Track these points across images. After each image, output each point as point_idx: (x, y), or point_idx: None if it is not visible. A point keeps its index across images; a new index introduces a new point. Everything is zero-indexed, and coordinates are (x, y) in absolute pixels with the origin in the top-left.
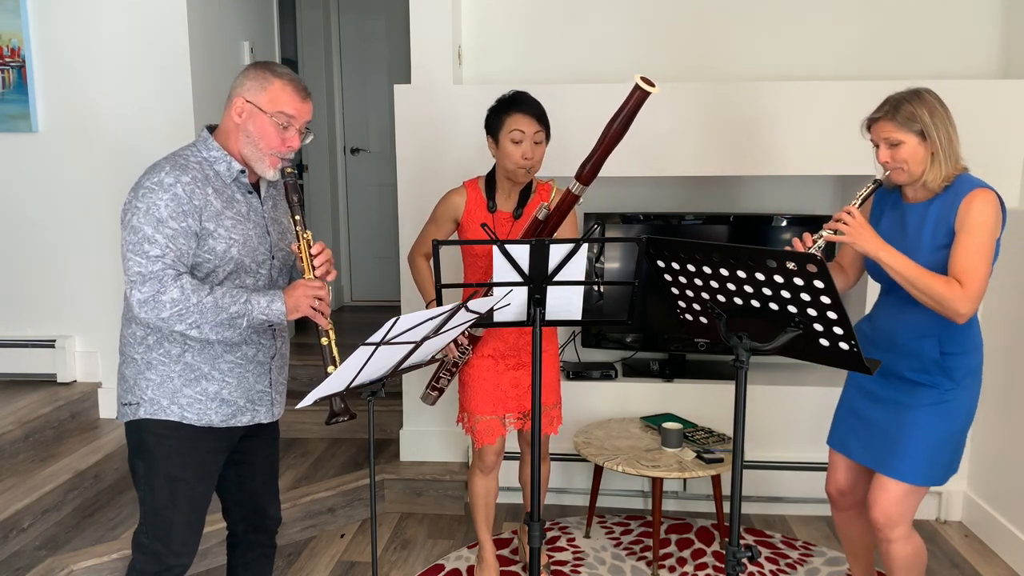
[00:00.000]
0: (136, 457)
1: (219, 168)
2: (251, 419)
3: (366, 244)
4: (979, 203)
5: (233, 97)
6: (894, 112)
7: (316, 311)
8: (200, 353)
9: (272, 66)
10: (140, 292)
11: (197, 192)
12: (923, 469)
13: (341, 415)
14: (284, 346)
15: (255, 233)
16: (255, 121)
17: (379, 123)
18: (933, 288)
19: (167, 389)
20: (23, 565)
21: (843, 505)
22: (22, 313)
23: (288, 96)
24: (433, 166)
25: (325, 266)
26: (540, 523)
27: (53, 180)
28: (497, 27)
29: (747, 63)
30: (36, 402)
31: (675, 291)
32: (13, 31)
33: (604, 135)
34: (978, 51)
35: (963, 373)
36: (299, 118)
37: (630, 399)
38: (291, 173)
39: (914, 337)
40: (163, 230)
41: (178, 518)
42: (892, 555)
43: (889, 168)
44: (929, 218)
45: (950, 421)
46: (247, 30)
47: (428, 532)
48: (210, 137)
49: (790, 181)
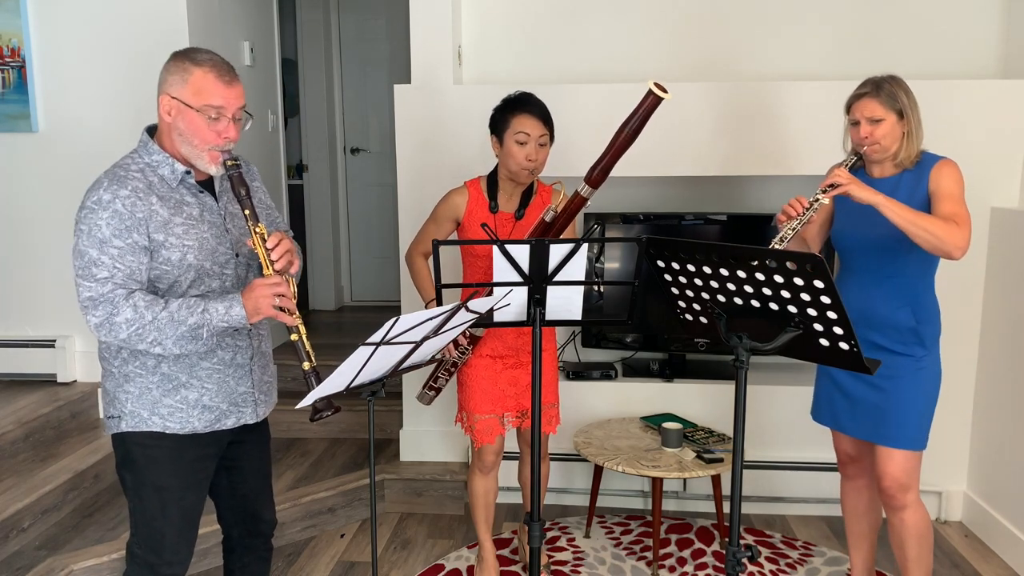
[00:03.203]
0: (123, 469)
1: (163, 172)
2: (236, 421)
3: (366, 244)
4: (948, 169)
5: (159, 95)
6: (877, 91)
7: (279, 310)
8: (176, 363)
9: (191, 53)
10: (94, 317)
11: (139, 204)
12: (914, 433)
13: (324, 411)
14: (263, 343)
15: (212, 234)
16: (184, 118)
17: (379, 123)
18: (935, 225)
19: (146, 400)
20: (23, 565)
21: (853, 473)
22: (22, 313)
23: (211, 84)
24: (433, 166)
25: (285, 258)
26: (540, 523)
27: (53, 180)
28: (497, 27)
29: (748, 63)
30: (36, 402)
31: (675, 291)
32: (13, 31)
33: (615, 139)
34: (978, 51)
35: (931, 339)
36: (228, 106)
37: (630, 399)
38: (234, 165)
39: (891, 309)
40: (108, 250)
41: (169, 528)
42: (905, 523)
43: (867, 143)
44: (901, 189)
45: (930, 384)
46: (247, 30)
47: (428, 532)
48: (151, 140)
49: (790, 181)
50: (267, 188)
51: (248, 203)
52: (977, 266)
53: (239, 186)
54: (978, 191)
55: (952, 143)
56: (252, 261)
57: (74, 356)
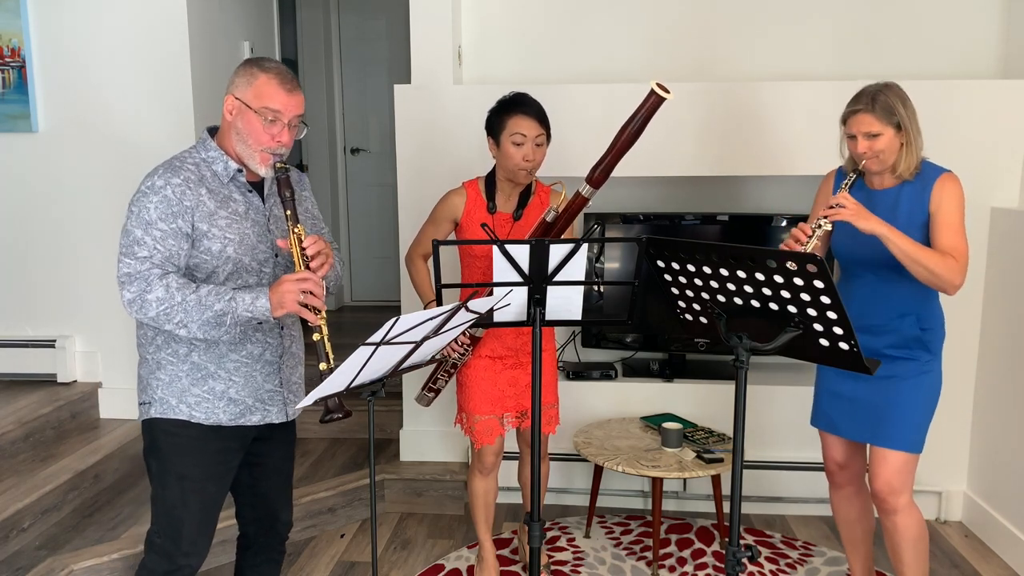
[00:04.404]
0: (149, 456)
1: (216, 168)
2: (262, 418)
3: (366, 244)
4: (951, 186)
5: (225, 95)
6: (872, 104)
7: (304, 307)
8: (206, 352)
9: (261, 61)
10: (128, 292)
11: (188, 193)
12: (913, 436)
13: (335, 412)
14: (295, 345)
15: (254, 232)
16: (243, 118)
17: (379, 123)
18: (933, 261)
19: (176, 388)
20: (23, 565)
21: (841, 481)
22: (22, 313)
23: (273, 90)
24: (433, 166)
25: (319, 258)
26: (540, 523)
27: (53, 180)
28: (497, 27)
29: (747, 63)
30: (36, 402)
31: (675, 291)
32: (13, 31)
33: (617, 139)
34: (978, 51)
35: (937, 345)
36: (286, 112)
37: (630, 399)
38: (283, 168)
39: (893, 317)
40: (152, 232)
41: (188, 518)
42: (898, 527)
43: (866, 158)
44: (902, 201)
45: (932, 389)
46: (247, 30)
47: (428, 532)
48: (210, 138)
49: (790, 181)
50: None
51: (291, 204)
52: (977, 266)
53: (284, 188)
54: (978, 191)
55: (951, 143)
56: (292, 263)
57: (74, 356)
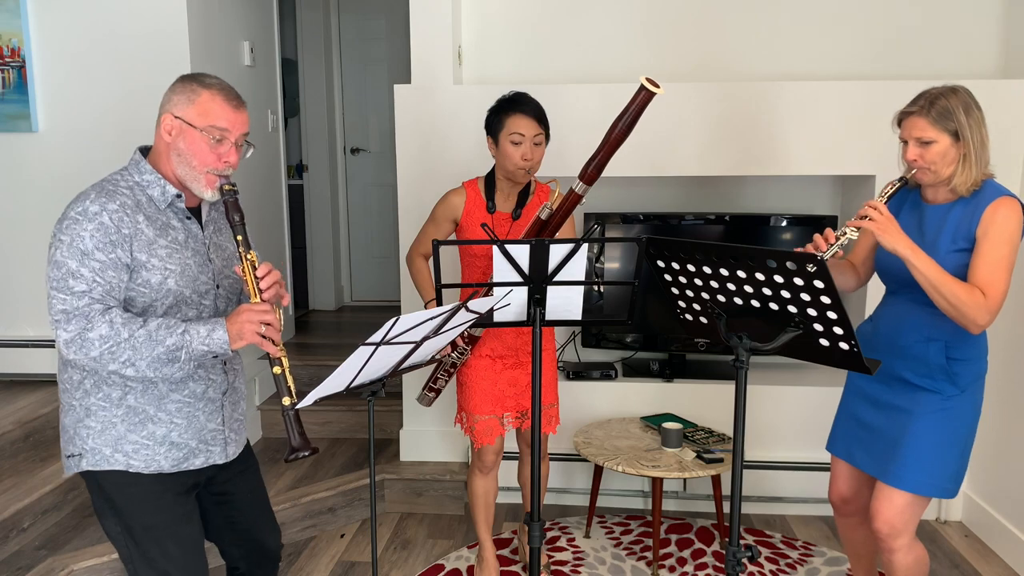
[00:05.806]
0: (104, 516)
1: (152, 193)
2: (205, 461)
3: (366, 244)
4: (1004, 212)
5: (161, 115)
6: (929, 108)
7: (263, 337)
8: (144, 394)
9: (200, 77)
10: (65, 331)
11: (126, 220)
12: (925, 478)
13: (301, 450)
14: (237, 380)
15: (194, 261)
16: (186, 138)
17: (379, 123)
18: (956, 294)
19: (109, 437)
20: (23, 565)
21: (846, 512)
22: (22, 313)
23: (218, 107)
24: (433, 166)
25: (274, 288)
26: (540, 523)
27: (53, 180)
28: (497, 27)
29: (747, 63)
30: (36, 402)
31: (675, 291)
32: (13, 31)
33: (608, 135)
34: (978, 51)
35: (968, 379)
36: (233, 130)
37: (630, 399)
38: (230, 190)
39: (919, 340)
40: (89, 263)
41: (174, 567)
42: (895, 564)
43: (916, 167)
44: (950, 222)
45: (953, 428)
46: (247, 30)
47: (428, 532)
48: (143, 160)
49: (790, 181)
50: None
51: (241, 230)
52: None
53: (234, 212)
54: None
55: None
56: (232, 295)
57: None
